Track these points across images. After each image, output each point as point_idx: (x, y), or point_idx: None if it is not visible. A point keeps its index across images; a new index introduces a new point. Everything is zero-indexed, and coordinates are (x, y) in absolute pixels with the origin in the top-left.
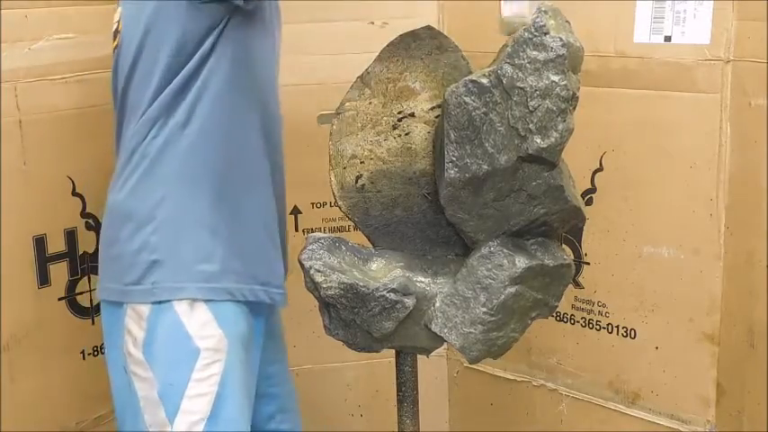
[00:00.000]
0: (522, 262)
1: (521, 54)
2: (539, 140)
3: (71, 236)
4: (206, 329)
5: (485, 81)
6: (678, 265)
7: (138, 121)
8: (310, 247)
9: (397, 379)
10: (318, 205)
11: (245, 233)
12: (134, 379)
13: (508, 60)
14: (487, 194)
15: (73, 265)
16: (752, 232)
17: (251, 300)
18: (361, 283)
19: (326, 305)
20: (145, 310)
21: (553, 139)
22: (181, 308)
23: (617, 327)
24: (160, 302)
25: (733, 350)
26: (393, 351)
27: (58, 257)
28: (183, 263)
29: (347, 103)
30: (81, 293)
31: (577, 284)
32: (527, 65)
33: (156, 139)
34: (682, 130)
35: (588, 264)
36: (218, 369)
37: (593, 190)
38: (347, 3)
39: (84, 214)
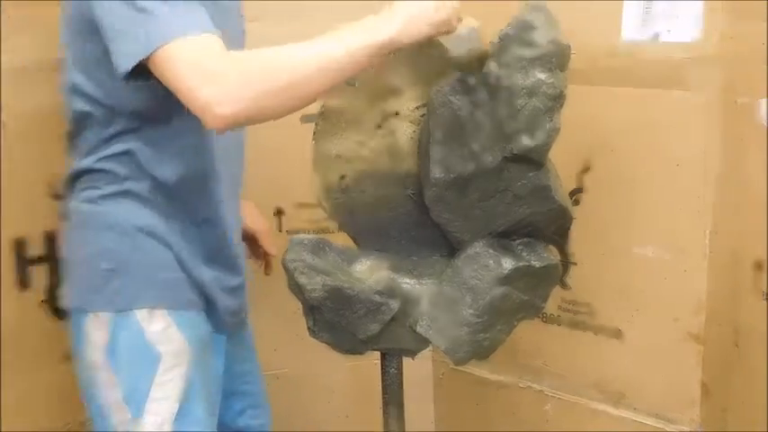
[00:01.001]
0: (508, 263)
1: (507, 51)
2: (525, 140)
3: (51, 239)
4: (166, 335)
5: (471, 80)
6: (664, 264)
7: (92, 129)
8: (294, 249)
9: (382, 381)
10: (303, 206)
11: (199, 240)
12: (99, 383)
13: (494, 58)
14: (473, 195)
15: (53, 269)
16: (738, 231)
17: (206, 307)
18: (347, 285)
19: (311, 308)
20: (106, 317)
21: (540, 139)
22: (141, 315)
23: (603, 327)
24: (121, 310)
25: (718, 350)
26: (378, 353)
27: (38, 261)
28: (141, 271)
29: (331, 103)
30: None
31: (564, 285)
32: (514, 62)
33: (111, 148)
34: (670, 129)
35: (575, 264)
36: (180, 372)
37: (580, 190)
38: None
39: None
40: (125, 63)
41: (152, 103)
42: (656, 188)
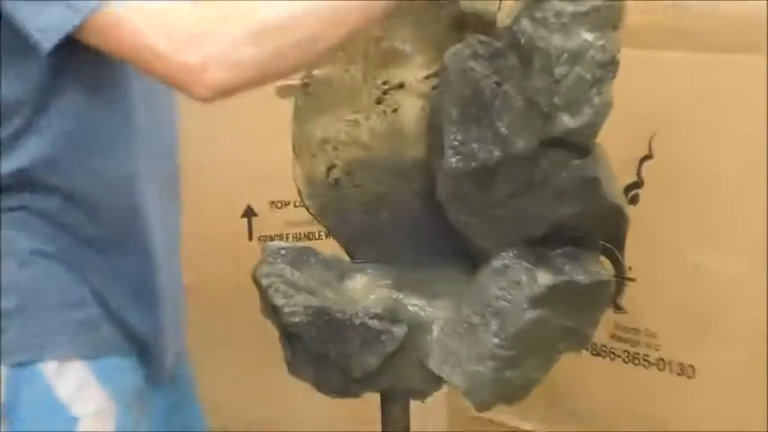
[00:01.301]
0: (545, 279)
1: (543, 5)
2: (567, 119)
3: None
4: (85, 392)
5: (497, 41)
6: (751, 281)
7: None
8: (269, 261)
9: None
10: (279, 205)
11: (122, 267)
12: None
13: (527, 13)
14: (500, 190)
15: None
16: None
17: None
18: (336, 307)
19: (290, 336)
20: (2, 372)
21: (586, 118)
22: (48, 369)
23: (670, 362)
24: (22, 363)
25: None
26: (378, 396)
27: None
28: (48, 310)
29: (316, 71)
30: None
31: (619, 308)
32: (552, 19)
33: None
34: (756, 104)
35: (633, 281)
36: None
37: (638, 184)
38: None
39: None
40: (47, 38)
41: (63, 91)
42: (739, 183)
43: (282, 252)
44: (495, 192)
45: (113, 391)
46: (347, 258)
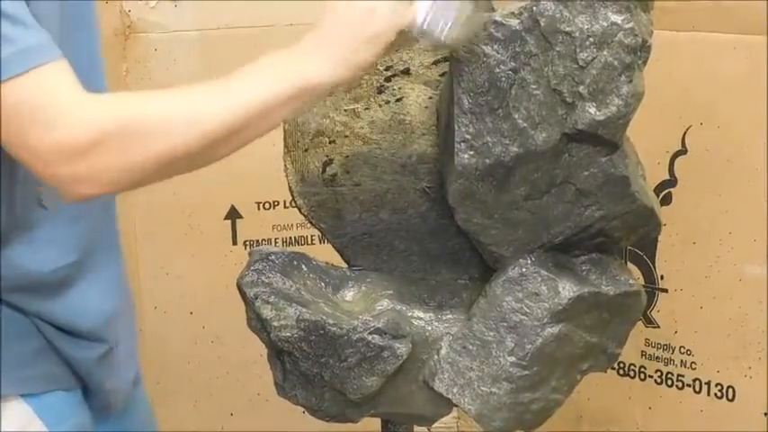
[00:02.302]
0: (568, 289)
1: None
2: (593, 110)
3: None
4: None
5: (514, 22)
6: None
7: None
8: (255, 268)
9: None
10: (267, 206)
11: (59, 291)
12: None
13: None
14: (517, 190)
15: None
16: None
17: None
18: (331, 321)
19: (279, 353)
20: None
21: (614, 109)
22: None
23: (708, 383)
24: None
25: None
26: (378, 420)
27: None
28: None
29: None
30: None
31: (650, 322)
32: None
33: None
34: None
35: (666, 291)
36: None
37: (672, 182)
38: None
39: None
40: None
41: None
42: None
43: (271, 258)
44: (511, 191)
45: (57, 428)
46: (344, 265)
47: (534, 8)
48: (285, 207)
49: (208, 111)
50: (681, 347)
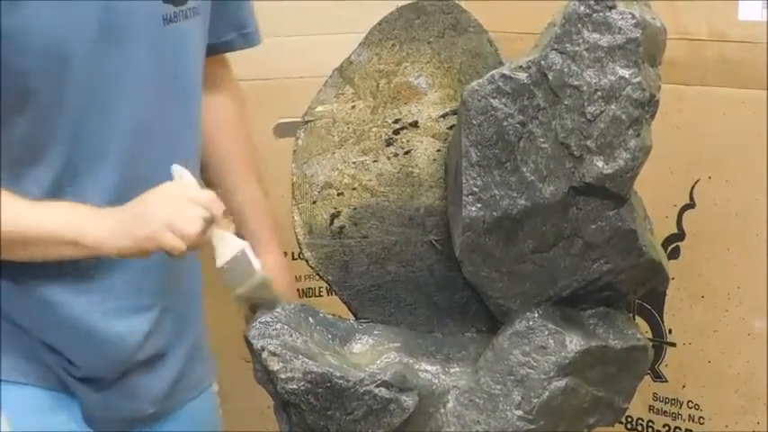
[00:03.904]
0: (575, 343)
1: (574, 37)
2: (600, 164)
3: None
4: None
5: (522, 76)
6: None
7: None
8: (263, 320)
9: None
10: None
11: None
12: None
13: (556, 46)
14: (525, 243)
15: None
16: None
17: (56, 387)
18: (338, 373)
19: (286, 405)
20: None
21: (622, 162)
22: None
23: None
24: None
25: None
26: None
27: None
28: None
29: (319, 108)
30: None
31: (658, 376)
32: (584, 53)
33: None
34: None
35: (674, 345)
36: None
37: (680, 236)
38: None
39: None
40: None
41: None
42: None
43: (278, 310)
44: (518, 244)
45: (14, 422)
46: (351, 318)
47: (542, 62)
48: (293, 258)
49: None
50: (689, 402)
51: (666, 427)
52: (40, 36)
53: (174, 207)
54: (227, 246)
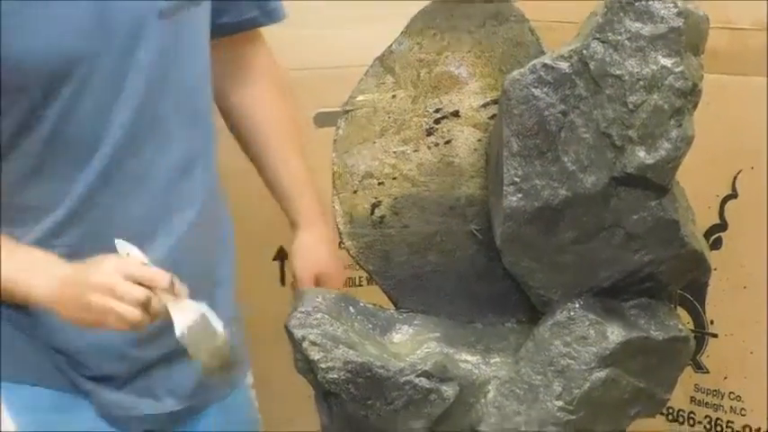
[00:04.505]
0: (616, 334)
1: (616, 26)
2: (642, 154)
3: None
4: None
5: (564, 65)
6: None
7: None
8: (303, 309)
9: None
10: None
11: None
12: None
13: (598, 35)
14: (566, 233)
15: None
16: None
17: (64, 388)
18: (379, 363)
19: (326, 395)
20: None
21: (664, 152)
22: None
23: (758, 430)
24: None
25: None
26: None
27: None
28: None
29: (360, 97)
30: None
31: (699, 367)
32: (625, 42)
33: None
34: None
35: (716, 336)
36: None
37: (722, 226)
38: None
39: None
40: None
41: None
42: None
43: (319, 300)
44: (559, 235)
45: (21, 427)
46: (391, 307)
47: (584, 51)
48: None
49: None
50: (730, 393)
51: (708, 419)
52: (39, 51)
53: (111, 291)
54: (185, 313)
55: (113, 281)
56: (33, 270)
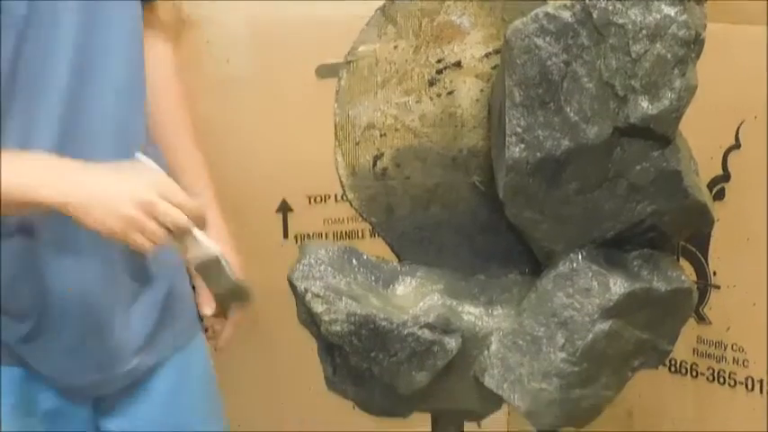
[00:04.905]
0: (619, 285)
1: None
2: (645, 104)
3: None
4: None
5: (566, 15)
6: None
7: None
8: (305, 262)
9: None
10: (317, 200)
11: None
12: None
13: None
14: (569, 184)
15: None
16: None
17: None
18: (382, 315)
19: (330, 347)
20: None
21: (667, 102)
22: None
23: (760, 381)
24: None
25: None
26: (428, 416)
27: None
28: None
29: (361, 48)
30: None
31: (702, 319)
32: None
33: None
34: None
35: (718, 288)
36: None
37: (725, 177)
38: None
39: None
40: None
41: None
42: None
43: (322, 252)
44: (562, 186)
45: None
46: (394, 260)
47: (587, 0)
48: (336, 201)
49: None
50: (733, 345)
51: (710, 370)
52: None
53: (151, 210)
54: (201, 248)
55: (154, 200)
56: (46, 171)
